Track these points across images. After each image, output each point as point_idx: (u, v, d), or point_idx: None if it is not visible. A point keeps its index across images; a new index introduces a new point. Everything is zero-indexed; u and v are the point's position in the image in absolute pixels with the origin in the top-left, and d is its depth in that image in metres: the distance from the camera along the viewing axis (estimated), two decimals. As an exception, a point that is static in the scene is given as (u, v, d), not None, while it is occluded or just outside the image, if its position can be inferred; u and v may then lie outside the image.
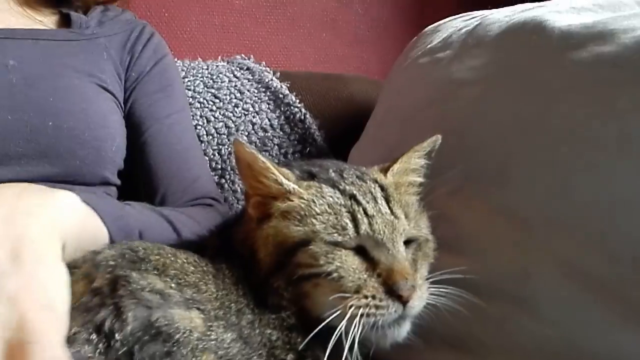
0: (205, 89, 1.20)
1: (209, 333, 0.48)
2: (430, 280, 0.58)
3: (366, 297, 0.51)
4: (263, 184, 0.56)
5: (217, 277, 0.54)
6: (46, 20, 0.93)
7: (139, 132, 0.94)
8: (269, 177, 0.56)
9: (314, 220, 0.54)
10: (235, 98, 1.21)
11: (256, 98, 1.22)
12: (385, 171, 0.62)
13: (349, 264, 0.52)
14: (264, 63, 1.30)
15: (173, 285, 0.50)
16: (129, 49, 0.98)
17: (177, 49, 1.34)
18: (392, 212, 0.56)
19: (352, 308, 0.51)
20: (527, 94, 0.66)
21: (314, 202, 0.55)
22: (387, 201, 0.57)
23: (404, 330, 0.54)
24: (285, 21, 1.59)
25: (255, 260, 0.55)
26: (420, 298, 0.54)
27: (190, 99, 1.16)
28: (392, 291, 0.51)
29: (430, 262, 0.60)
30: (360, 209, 0.55)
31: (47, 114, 0.80)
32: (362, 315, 0.51)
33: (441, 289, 0.56)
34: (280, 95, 1.23)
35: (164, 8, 1.44)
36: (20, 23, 0.88)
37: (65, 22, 0.94)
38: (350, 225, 0.54)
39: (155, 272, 0.50)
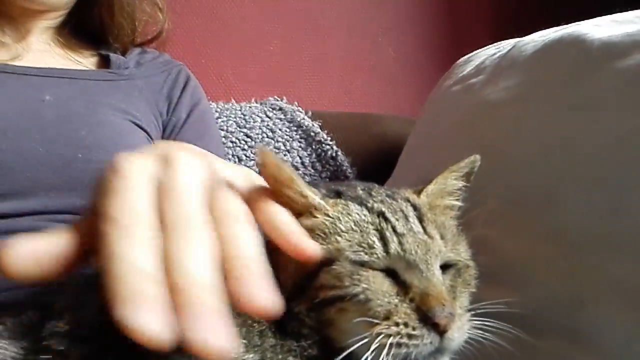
0: (238, 128, 1.21)
1: None
2: (472, 312, 0.51)
3: (397, 324, 0.45)
4: (287, 198, 0.51)
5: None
6: (86, 62, 0.96)
7: None
8: (294, 190, 0.51)
9: (338, 238, 0.49)
10: (267, 137, 1.21)
11: (287, 137, 1.22)
12: (419, 192, 0.57)
13: (378, 286, 0.47)
14: (296, 103, 1.31)
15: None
16: (166, 93, 1.00)
17: (213, 93, 1.37)
18: (425, 232, 0.50)
19: (381, 336, 0.45)
20: (568, 109, 0.61)
21: (339, 219, 0.50)
22: (420, 220, 0.51)
23: None
24: (318, 65, 1.61)
25: (275, 283, 0.51)
26: (460, 329, 0.47)
27: (223, 139, 1.18)
28: (427, 318, 0.45)
29: (472, 292, 0.53)
30: (389, 227, 0.49)
31: (77, 146, 0.81)
32: (391, 345, 0.44)
33: (485, 322, 0.49)
34: (312, 134, 1.22)
35: (201, 55, 1.49)
36: (59, 64, 0.92)
37: (104, 63, 0.97)
38: (378, 244, 0.48)
39: None
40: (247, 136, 1.20)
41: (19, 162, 0.79)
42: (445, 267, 0.50)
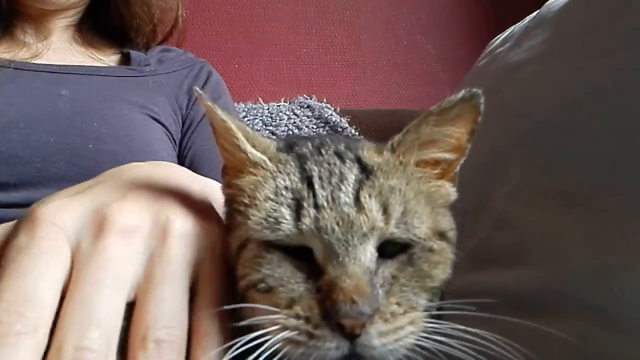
0: (264, 126, 1.19)
1: None
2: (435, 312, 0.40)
3: (298, 316, 0.37)
4: (229, 150, 0.44)
5: None
6: (107, 60, 0.98)
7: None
8: (231, 142, 0.43)
9: (252, 212, 0.41)
10: (293, 133, 1.18)
11: (314, 133, 1.18)
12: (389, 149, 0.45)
13: (283, 271, 0.39)
14: (325, 100, 1.27)
15: None
16: (187, 89, 1.00)
17: (243, 96, 1.36)
18: (356, 203, 0.39)
19: (277, 327, 0.37)
20: (595, 57, 0.52)
21: (262, 185, 0.42)
22: (359, 187, 0.40)
23: None
24: (353, 65, 1.57)
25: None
26: (387, 335, 0.36)
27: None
28: (330, 316, 0.35)
29: (432, 286, 0.40)
30: (311, 196, 0.40)
31: (89, 137, 0.81)
32: (288, 340, 0.36)
33: (457, 329, 0.37)
34: (339, 129, 1.17)
35: (234, 60, 1.49)
36: (79, 61, 0.94)
37: (125, 60, 0.99)
38: (288, 218, 0.39)
39: None
40: (273, 134, 1.17)
41: (28, 152, 0.80)
42: (392, 253, 0.40)
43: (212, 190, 0.51)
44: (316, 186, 0.40)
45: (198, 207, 0.45)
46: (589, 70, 0.52)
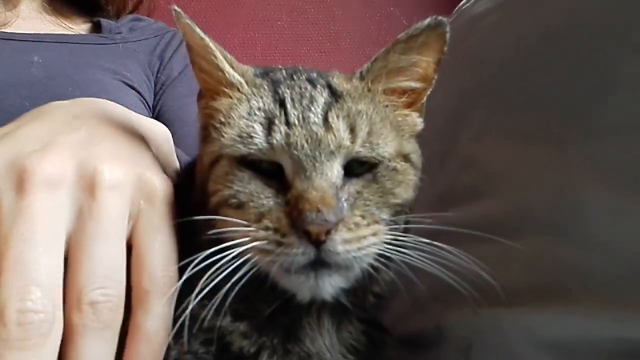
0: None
1: None
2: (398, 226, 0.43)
3: (267, 228, 0.39)
4: (206, 70, 0.45)
5: None
6: (77, 29, 0.98)
7: None
8: (210, 61, 0.44)
9: (226, 129, 0.43)
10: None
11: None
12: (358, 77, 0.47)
13: (252, 186, 0.41)
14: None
15: None
16: (159, 54, 1.00)
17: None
18: (325, 123, 0.42)
19: (247, 239, 0.39)
20: (550, 1, 0.55)
21: (238, 105, 0.44)
22: (328, 109, 0.43)
23: (328, 283, 0.40)
24: (327, 37, 1.58)
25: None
26: (351, 242, 0.39)
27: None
28: (298, 225, 0.38)
29: (395, 202, 0.44)
30: (283, 115, 0.42)
31: None
32: (262, 251, 0.39)
33: (419, 241, 0.41)
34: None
35: (207, 32, 1.48)
36: (49, 29, 0.94)
37: (96, 28, 0.99)
38: (260, 134, 0.42)
39: None
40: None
41: (3, 117, 0.79)
42: (358, 172, 0.43)
43: (149, 132, 0.50)
44: (288, 106, 0.42)
45: (131, 152, 0.43)
46: (544, 14, 0.55)
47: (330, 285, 0.41)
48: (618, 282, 0.37)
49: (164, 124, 0.95)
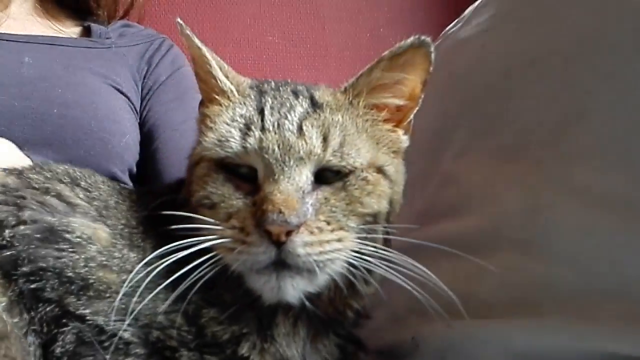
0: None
1: (112, 249, 0.43)
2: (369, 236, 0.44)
3: (234, 227, 0.41)
4: (206, 80, 0.48)
5: (131, 199, 0.49)
6: (68, 32, 0.98)
7: (152, 139, 0.94)
8: (206, 69, 0.47)
9: (209, 134, 0.45)
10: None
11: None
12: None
13: (225, 188, 0.43)
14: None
15: (82, 196, 0.46)
16: (147, 59, 1.01)
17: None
18: (299, 130, 0.43)
19: (215, 237, 0.41)
20: (531, 28, 0.58)
21: (224, 111, 0.46)
22: (303, 119, 0.44)
23: (290, 285, 0.41)
24: (317, 55, 1.61)
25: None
26: (312, 246, 0.40)
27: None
28: (261, 224, 0.39)
29: (365, 212, 0.44)
30: (259, 122, 0.44)
31: (53, 103, 0.82)
32: (227, 249, 0.40)
33: (389, 254, 0.42)
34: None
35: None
36: (40, 31, 0.94)
37: (86, 33, 0.99)
38: (236, 138, 0.43)
39: (66, 180, 0.47)
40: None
41: None
42: (329, 180, 0.44)
43: None
44: (266, 113, 0.44)
45: None
46: (526, 40, 0.58)
47: (293, 288, 0.41)
48: (585, 297, 0.39)
49: (150, 128, 0.96)
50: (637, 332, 0.34)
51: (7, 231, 0.41)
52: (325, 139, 0.44)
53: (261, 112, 0.45)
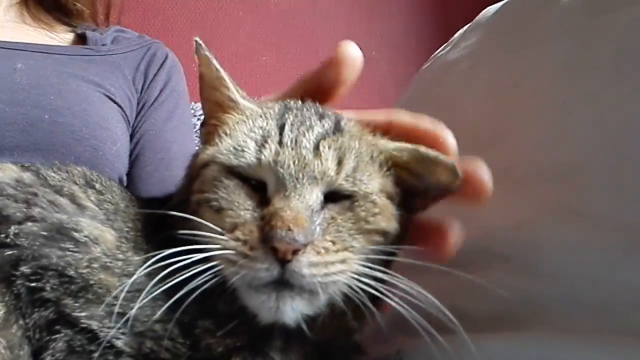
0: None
1: (117, 252, 0.42)
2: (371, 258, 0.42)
3: (237, 239, 0.40)
4: (219, 95, 0.48)
5: (139, 205, 0.49)
6: (60, 38, 0.99)
7: (137, 155, 0.95)
8: (222, 92, 0.47)
9: (225, 140, 0.45)
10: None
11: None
12: (380, 134, 0.48)
13: (236, 197, 0.42)
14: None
15: (93, 198, 0.46)
16: (143, 70, 1.01)
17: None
18: (315, 150, 0.43)
19: (217, 247, 0.40)
20: (518, 50, 0.60)
21: (245, 122, 0.46)
22: (320, 139, 0.44)
23: (290, 307, 0.40)
24: (300, 59, 1.63)
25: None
26: (317, 267, 0.39)
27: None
28: (267, 240, 0.38)
29: (370, 228, 0.44)
30: (277, 137, 0.44)
31: (45, 109, 0.82)
32: (228, 261, 0.39)
33: (395, 279, 0.41)
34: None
35: (194, 63, 1.52)
36: (32, 39, 0.94)
37: (81, 40, 1.00)
38: (251, 149, 0.43)
39: (80, 182, 0.47)
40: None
41: None
42: (336, 198, 0.43)
43: None
44: (286, 129, 0.44)
45: None
46: (511, 62, 0.59)
47: (292, 309, 0.40)
48: (567, 312, 0.39)
49: (140, 147, 0.96)
50: (616, 344, 0.34)
51: (13, 227, 0.41)
52: (339, 162, 0.43)
53: (281, 127, 0.44)
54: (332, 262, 0.40)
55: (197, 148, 0.58)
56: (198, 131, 0.58)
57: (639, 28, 0.45)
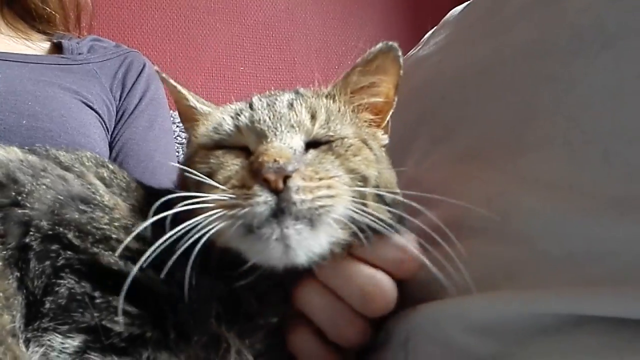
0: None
1: (132, 220, 0.45)
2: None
3: (234, 186, 0.43)
4: (185, 108, 0.55)
5: (144, 188, 0.53)
6: (36, 47, 1.00)
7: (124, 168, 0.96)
8: (186, 103, 0.55)
9: (201, 127, 0.51)
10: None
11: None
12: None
13: (223, 159, 0.47)
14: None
15: (105, 175, 0.50)
16: (121, 79, 1.02)
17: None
18: (288, 106, 0.49)
19: (215, 196, 0.43)
20: (481, 42, 0.63)
21: (215, 111, 0.53)
22: (293, 100, 0.50)
23: (293, 231, 0.42)
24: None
25: None
26: (305, 191, 0.42)
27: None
28: (258, 175, 0.42)
29: (352, 167, 0.48)
30: (249, 108, 0.50)
31: (22, 115, 0.83)
32: (226, 206, 0.42)
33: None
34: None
35: (172, 74, 1.53)
36: (9, 48, 0.95)
37: (57, 49, 1.01)
38: (229, 121, 0.49)
39: (90, 163, 0.51)
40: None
41: None
42: (316, 146, 0.48)
43: None
44: (255, 102, 0.51)
45: None
46: (477, 52, 0.63)
47: (296, 233, 0.42)
48: (535, 270, 0.42)
49: (121, 155, 0.97)
50: (578, 293, 0.37)
51: (27, 186, 0.44)
52: (313, 117, 0.49)
53: (251, 103, 0.51)
54: (319, 187, 0.43)
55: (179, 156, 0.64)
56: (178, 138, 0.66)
57: (589, 12, 0.49)
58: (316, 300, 0.47)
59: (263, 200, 0.41)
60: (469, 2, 0.77)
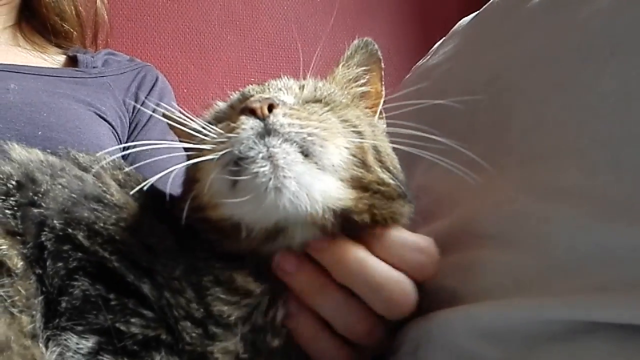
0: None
1: (140, 219, 0.46)
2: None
3: (222, 128, 0.46)
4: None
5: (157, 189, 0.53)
6: (51, 60, 1.02)
7: None
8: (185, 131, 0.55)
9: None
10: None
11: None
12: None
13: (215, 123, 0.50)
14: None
15: (120, 178, 0.52)
16: (134, 92, 1.04)
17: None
18: (277, 81, 0.55)
19: (209, 138, 0.45)
20: (490, 51, 0.64)
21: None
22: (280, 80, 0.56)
23: (281, 152, 0.41)
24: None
25: None
26: (292, 117, 0.43)
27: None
28: (245, 109, 0.45)
29: (344, 118, 0.50)
30: (242, 95, 0.55)
31: (38, 125, 0.84)
32: (220, 143, 0.44)
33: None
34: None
35: (184, 85, 1.56)
36: (25, 60, 0.97)
37: (72, 62, 1.03)
38: (222, 105, 0.54)
39: (108, 165, 0.53)
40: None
41: None
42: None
43: None
44: (246, 91, 0.55)
45: None
46: (486, 61, 0.63)
47: (285, 153, 0.41)
48: (544, 277, 0.41)
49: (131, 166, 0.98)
50: (589, 299, 0.36)
51: (43, 186, 0.45)
52: (301, 88, 0.53)
53: (243, 92, 0.56)
54: (308, 117, 0.44)
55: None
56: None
57: (597, 19, 0.49)
58: (328, 298, 0.45)
59: (250, 126, 0.42)
60: (477, 12, 0.78)
